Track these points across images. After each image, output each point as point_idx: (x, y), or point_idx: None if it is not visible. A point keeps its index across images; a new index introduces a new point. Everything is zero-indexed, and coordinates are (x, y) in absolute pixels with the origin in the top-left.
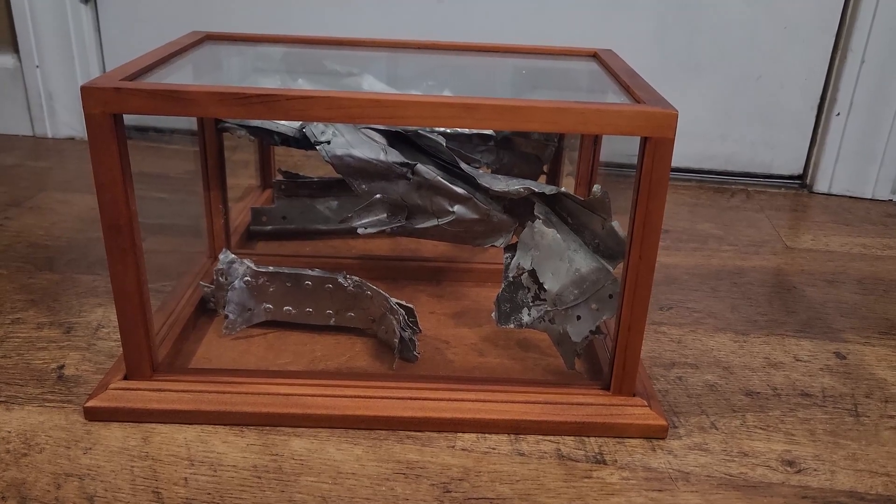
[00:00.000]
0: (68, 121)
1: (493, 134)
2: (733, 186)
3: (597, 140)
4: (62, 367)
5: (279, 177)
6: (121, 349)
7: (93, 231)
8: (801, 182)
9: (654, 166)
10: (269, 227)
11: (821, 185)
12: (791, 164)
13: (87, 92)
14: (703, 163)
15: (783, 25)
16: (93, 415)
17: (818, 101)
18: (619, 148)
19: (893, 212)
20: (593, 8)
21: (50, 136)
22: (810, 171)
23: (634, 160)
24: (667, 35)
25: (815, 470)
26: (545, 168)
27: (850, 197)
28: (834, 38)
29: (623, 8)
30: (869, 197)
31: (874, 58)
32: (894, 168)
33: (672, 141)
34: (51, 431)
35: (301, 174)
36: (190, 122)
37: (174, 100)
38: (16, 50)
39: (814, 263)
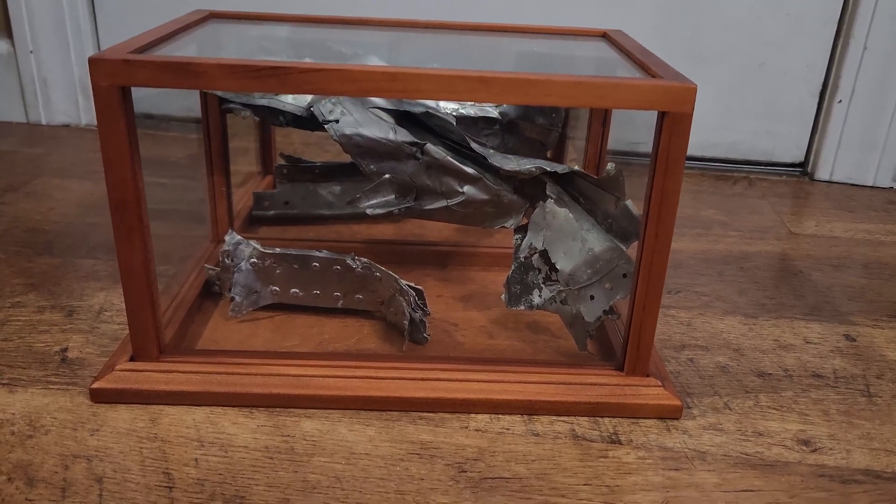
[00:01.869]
0: (63, 108)
1: (499, 117)
2: (735, 174)
3: (605, 122)
4: (65, 349)
5: (281, 161)
6: (125, 332)
7: (92, 216)
8: (802, 170)
9: (672, 142)
10: (272, 213)
11: (822, 173)
12: (793, 151)
13: (96, 64)
14: (706, 151)
15: (785, 13)
16: (99, 396)
17: (820, 88)
18: (623, 135)
19: (895, 199)
20: None
21: (44, 123)
22: (812, 158)
23: (637, 147)
24: (670, 25)
25: (831, 449)
26: (549, 154)
27: (852, 184)
28: (836, 26)
29: None
30: (870, 185)
31: (876, 45)
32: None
33: (690, 116)
34: (56, 413)
35: (303, 159)
36: (188, 109)
37: (184, 72)
38: (9, 35)
39: (818, 249)
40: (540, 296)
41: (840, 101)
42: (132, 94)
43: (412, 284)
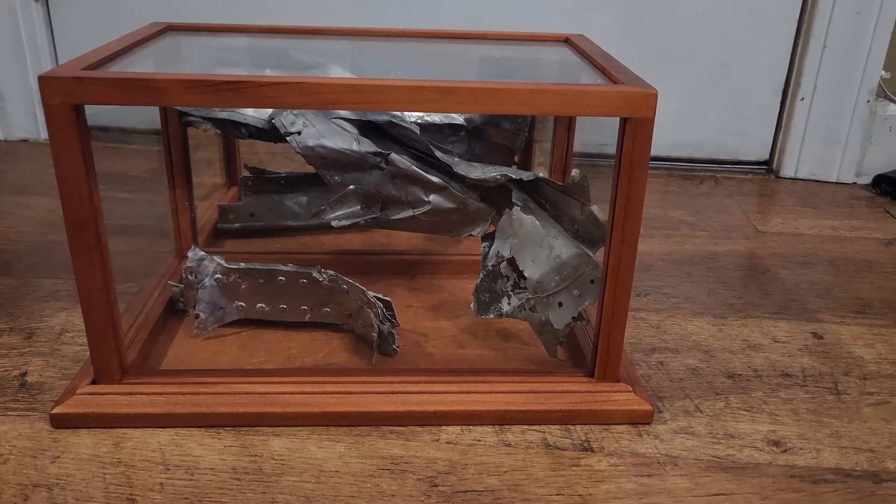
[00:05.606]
0: (21, 123)
1: (465, 124)
2: (702, 173)
3: (570, 127)
4: (25, 374)
5: (246, 173)
6: (87, 353)
7: (53, 234)
8: (767, 167)
9: (635, 147)
10: (237, 225)
11: (787, 170)
12: (758, 149)
13: (46, 82)
14: (672, 151)
15: (747, 12)
16: (60, 422)
17: (783, 86)
18: (589, 138)
19: (859, 194)
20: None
21: (2, 138)
22: (776, 156)
23: (605, 149)
24: (635, 25)
25: (801, 449)
26: (516, 158)
27: (816, 181)
28: (796, 25)
29: None
30: (834, 180)
31: (836, 43)
32: (858, 151)
33: (652, 121)
34: (15, 441)
35: (268, 170)
36: (149, 120)
37: (140, 88)
38: None
39: (785, 246)
40: (509, 304)
41: (802, 98)
42: (86, 109)
43: (380, 296)
